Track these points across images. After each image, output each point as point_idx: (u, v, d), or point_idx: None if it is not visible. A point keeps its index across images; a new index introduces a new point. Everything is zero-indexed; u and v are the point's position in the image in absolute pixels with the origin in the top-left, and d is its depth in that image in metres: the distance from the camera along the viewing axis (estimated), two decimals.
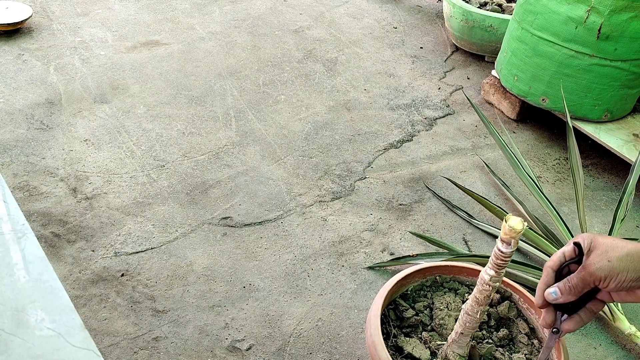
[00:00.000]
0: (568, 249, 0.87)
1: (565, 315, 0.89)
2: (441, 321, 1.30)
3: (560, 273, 0.88)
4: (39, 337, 0.65)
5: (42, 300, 0.68)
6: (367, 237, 1.85)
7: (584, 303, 0.88)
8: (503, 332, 1.30)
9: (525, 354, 1.28)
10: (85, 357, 0.63)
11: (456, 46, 3.05)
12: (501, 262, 1.04)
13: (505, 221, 0.98)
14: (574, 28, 2.11)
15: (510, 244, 1.00)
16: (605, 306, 1.62)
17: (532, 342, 1.31)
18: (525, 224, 0.99)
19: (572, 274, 0.85)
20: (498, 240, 1.02)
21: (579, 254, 0.85)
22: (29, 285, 0.70)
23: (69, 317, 0.66)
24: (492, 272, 1.06)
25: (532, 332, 1.33)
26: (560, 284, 0.86)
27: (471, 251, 1.84)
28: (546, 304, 0.89)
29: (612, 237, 0.85)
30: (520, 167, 2.01)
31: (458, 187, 2.03)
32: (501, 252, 1.02)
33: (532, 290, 1.67)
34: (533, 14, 2.23)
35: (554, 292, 0.87)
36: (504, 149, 2.07)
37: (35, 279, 0.70)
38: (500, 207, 1.92)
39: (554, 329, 0.91)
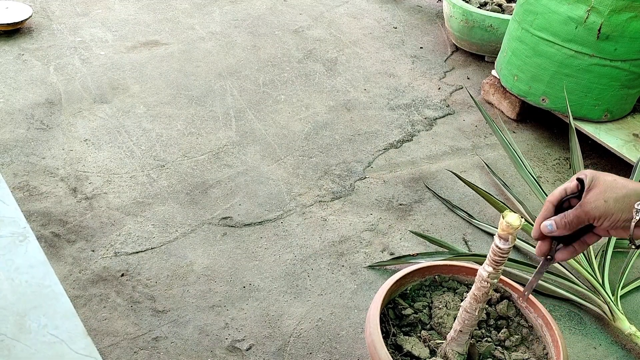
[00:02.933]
0: (570, 184, 0.88)
1: (561, 245, 0.91)
2: (440, 320, 1.31)
3: (561, 207, 0.89)
4: (41, 343, 0.65)
5: (44, 306, 0.68)
6: (367, 237, 1.86)
7: (580, 235, 0.89)
8: (504, 333, 1.31)
9: (524, 352, 1.28)
10: None
11: (456, 46, 3.05)
12: (499, 258, 1.04)
13: (503, 217, 0.98)
14: (574, 28, 2.11)
15: (507, 240, 1.01)
16: (606, 306, 1.63)
17: (534, 340, 1.31)
18: (523, 220, 1.00)
19: (569, 210, 0.86)
20: (495, 237, 1.02)
21: (581, 190, 0.86)
22: (30, 289, 0.70)
23: (71, 324, 0.66)
24: (490, 269, 1.07)
25: (531, 330, 1.33)
26: (557, 218, 0.87)
27: (471, 251, 1.84)
28: (542, 236, 0.91)
29: (615, 176, 0.85)
30: (522, 166, 2.01)
31: (462, 180, 2.02)
32: (499, 248, 1.02)
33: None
34: (533, 14, 2.23)
35: (549, 225, 0.88)
36: (506, 148, 2.07)
37: (37, 283, 0.71)
38: (502, 202, 1.92)
39: (548, 257, 0.93)
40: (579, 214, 0.85)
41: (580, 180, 0.86)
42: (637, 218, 0.80)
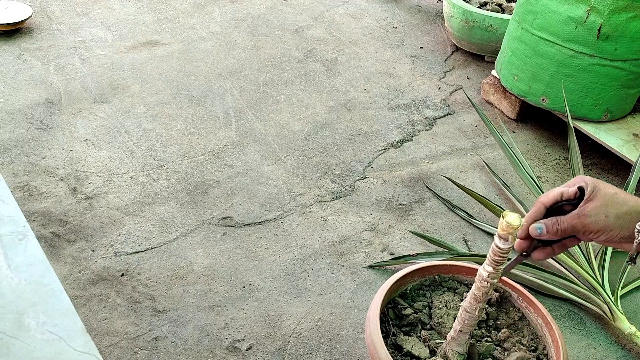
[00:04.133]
0: (568, 191, 0.85)
1: (539, 244, 0.89)
2: (440, 320, 1.31)
3: (551, 210, 0.86)
4: (40, 340, 0.65)
5: (44, 304, 0.68)
6: (367, 237, 1.86)
7: (561, 239, 0.87)
8: (504, 333, 1.30)
9: (524, 353, 1.28)
10: None
11: (456, 46, 3.05)
12: (499, 258, 1.04)
13: (503, 217, 0.98)
14: (574, 28, 2.11)
15: (507, 240, 1.01)
16: (606, 306, 1.63)
17: (533, 340, 1.31)
18: (522, 220, 1.00)
19: (564, 217, 0.83)
20: (495, 237, 1.02)
21: (579, 198, 0.83)
22: (30, 288, 0.70)
23: (70, 321, 0.66)
24: (490, 269, 1.07)
25: (530, 327, 1.33)
26: (549, 222, 0.84)
27: (471, 251, 1.84)
28: (528, 236, 0.88)
29: (616, 188, 0.82)
30: (521, 166, 2.01)
31: (458, 186, 2.03)
32: (498, 248, 1.02)
33: (531, 289, 1.67)
34: (533, 13, 2.23)
35: (539, 229, 0.85)
36: (505, 149, 2.07)
37: (36, 281, 0.71)
38: (499, 206, 1.92)
39: (524, 252, 0.91)
40: (575, 225, 0.82)
41: (580, 189, 0.84)
42: (639, 239, 0.78)
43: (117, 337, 1.47)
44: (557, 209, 0.86)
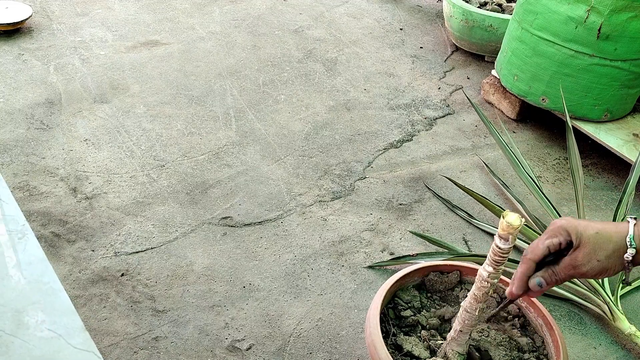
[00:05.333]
0: (553, 242, 0.89)
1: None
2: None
3: (541, 263, 0.91)
4: (39, 338, 0.65)
5: (43, 302, 0.68)
6: (367, 237, 1.85)
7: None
8: (504, 334, 1.30)
9: (524, 352, 1.28)
10: (85, 358, 0.63)
11: (456, 46, 3.05)
12: (499, 258, 1.04)
13: (503, 217, 0.98)
14: (574, 28, 2.11)
15: (507, 240, 1.01)
16: (606, 306, 1.63)
17: (533, 340, 1.31)
18: (523, 220, 1.00)
19: (559, 268, 0.88)
20: (496, 237, 1.02)
21: (566, 248, 0.88)
22: (29, 286, 0.70)
23: (69, 319, 0.66)
24: (490, 269, 1.06)
25: (529, 327, 1.33)
26: (546, 275, 0.89)
27: (471, 251, 1.84)
28: (526, 291, 0.93)
29: (595, 226, 0.86)
30: (520, 166, 2.01)
31: (458, 186, 2.03)
32: (499, 248, 1.02)
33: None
34: (533, 13, 2.23)
35: (539, 283, 0.90)
36: (504, 149, 2.07)
37: (35, 280, 0.71)
38: (500, 207, 1.92)
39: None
40: (572, 274, 0.87)
41: (567, 241, 0.88)
42: (631, 268, 0.84)
43: (117, 337, 1.47)
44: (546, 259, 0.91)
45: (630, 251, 0.83)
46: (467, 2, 2.91)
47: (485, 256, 1.09)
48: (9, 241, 0.76)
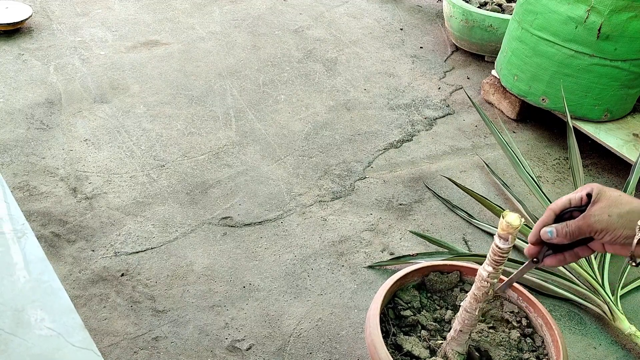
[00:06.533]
0: (575, 196, 0.89)
1: (550, 251, 0.92)
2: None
3: (561, 217, 0.90)
4: (38, 336, 0.65)
5: (42, 300, 0.68)
6: (367, 237, 1.85)
7: (573, 246, 0.90)
8: (502, 333, 1.30)
9: (524, 352, 1.28)
10: (85, 356, 0.63)
11: (456, 46, 3.05)
12: (499, 258, 1.04)
13: (503, 217, 0.98)
14: (574, 28, 2.11)
15: (507, 240, 1.01)
16: (606, 306, 1.63)
17: (533, 340, 1.31)
18: (523, 220, 1.00)
19: (571, 220, 0.87)
20: (495, 237, 1.02)
21: (586, 204, 0.87)
22: (29, 285, 0.70)
23: (68, 317, 0.66)
24: (490, 269, 1.06)
25: (529, 327, 1.33)
26: (559, 226, 0.88)
27: (471, 251, 1.84)
28: (539, 241, 0.92)
29: (622, 192, 0.86)
30: (521, 166, 2.01)
31: (458, 186, 2.03)
32: (499, 248, 1.02)
33: (531, 289, 1.67)
34: (533, 13, 2.23)
35: (550, 232, 0.89)
36: (505, 148, 2.07)
37: (35, 279, 0.71)
38: (499, 206, 1.92)
39: (535, 259, 0.93)
40: (581, 225, 0.86)
41: (588, 195, 0.87)
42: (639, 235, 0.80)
43: (117, 337, 1.47)
44: (567, 215, 0.89)
45: None
46: (467, 2, 2.91)
47: (485, 256, 1.09)
48: (9, 240, 0.76)
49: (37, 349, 0.64)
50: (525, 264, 0.97)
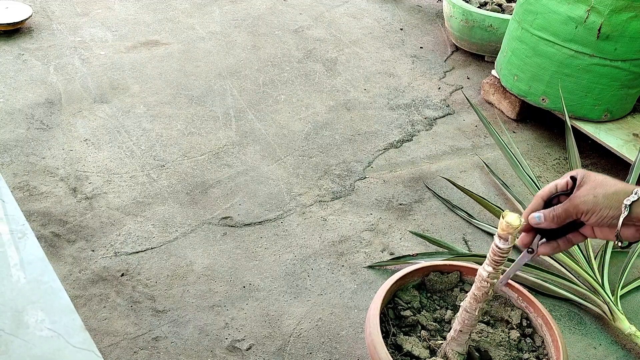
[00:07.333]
0: (561, 181, 0.90)
1: (544, 240, 0.93)
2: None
3: (550, 203, 0.91)
4: (39, 337, 0.65)
5: (42, 301, 0.68)
6: (367, 237, 1.85)
7: (565, 233, 0.91)
8: (502, 333, 1.30)
9: (524, 352, 1.28)
10: (85, 357, 0.63)
11: (456, 46, 3.05)
12: (498, 258, 1.04)
13: (503, 217, 0.98)
14: (574, 28, 2.11)
15: (507, 240, 1.01)
16: (606, 306, 1.63)
17: (533, 340, 1.31)
18: (522, 220, 1.00)
19: (558, 204, 0.88)
20: (495, 237, 1.02)
21: (572, 188, 0.88)
22: (29, 286, 0.70)
23: (69, 318, 0.66)
24: (490, 269, 1.06)
25: (529, 327, 1.33)
26: (546, 211, 0.89)
27: (471, 251, 1.84)
28: (529, 228, 0.93)
29: (607, 176, 0.87)
30: (520, 167, 2.01)
31: (457, 187, 2.03)
32: (498, 248, 1.02)
33: (531, 289, 1.67)
34: (533, 13, 2.23)
35: (537, 217, 0.90)
36: (504, 149, 2.07)
37: (35, 279, 0.70)
38: (499, 207, 1.92)
39: (530, 249, 0.94)
40: (567, 208, 0.87)
41: (573, 179, 0.88)
42: (625, 214, 0.81)
43: (117, 337, 1.47)
44: (554, 201, 0.90)
45: (632, 197, 0.81)
46: (467, 2, 2.91)
47: (485, 256, 1.09)
48: (9, 241, 0.76)
49: (38, 350, 0.64)
50: (520, 256, 0.98)
